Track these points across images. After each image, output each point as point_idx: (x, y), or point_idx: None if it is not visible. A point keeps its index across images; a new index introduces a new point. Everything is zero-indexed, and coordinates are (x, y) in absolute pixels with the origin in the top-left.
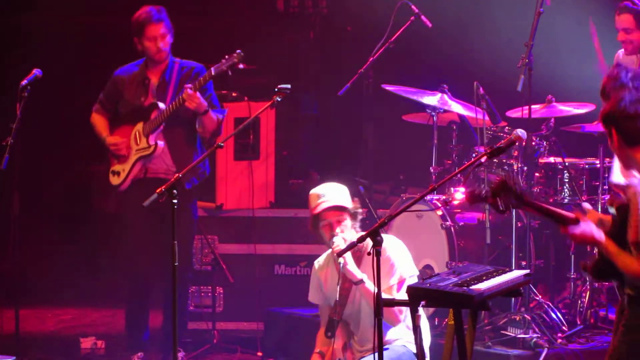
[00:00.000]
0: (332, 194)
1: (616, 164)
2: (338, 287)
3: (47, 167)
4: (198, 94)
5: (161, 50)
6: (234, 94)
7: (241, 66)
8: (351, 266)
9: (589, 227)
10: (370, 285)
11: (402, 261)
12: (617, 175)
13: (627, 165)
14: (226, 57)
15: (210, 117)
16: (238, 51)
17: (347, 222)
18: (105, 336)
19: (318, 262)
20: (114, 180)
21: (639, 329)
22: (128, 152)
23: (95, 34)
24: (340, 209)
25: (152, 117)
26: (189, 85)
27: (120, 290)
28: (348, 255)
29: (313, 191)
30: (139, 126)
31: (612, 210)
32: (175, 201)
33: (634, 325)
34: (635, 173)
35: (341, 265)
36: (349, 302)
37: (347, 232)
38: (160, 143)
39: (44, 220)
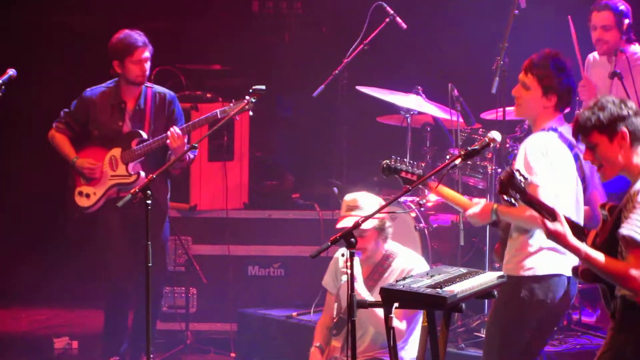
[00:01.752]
0: (356, 210)
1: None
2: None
3: (21, 167)
4: (185, 139)
5: (145, 73)
6: (208, 95)
7: (251, 114)
8: (359, 286)
9: (563, 229)
10: (379, 311)
11: None
12: None
13: (615, 170)
14: (233, 101)
15: (185, 161)
16: (247, 98)
17: (372, 234)
18: (78, 336)
19: (342, 253)
20: (83, 202)
21: (629, 331)
22: (101, 176)
23: (70, 34)
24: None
25: (132, 145)
26: (178, 127)
27: (94, 291)
28: (359, 272)
29: (345, 198)
30: (116, 152)
31: (604, 212)
32: (149, 202)
33: (625, 328)
34: None
35: (342, 282)
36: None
37: (369, 247)
38: (142, 173)
39: (18, 221)
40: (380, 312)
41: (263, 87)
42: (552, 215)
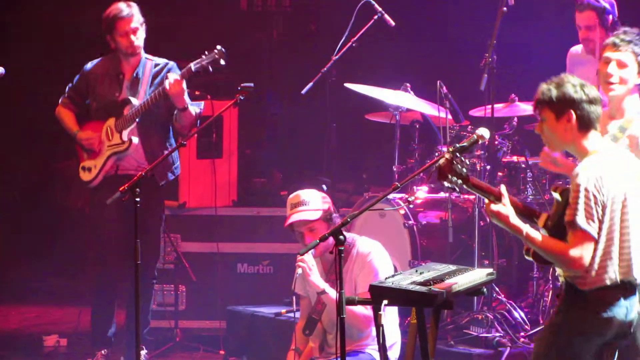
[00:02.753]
0: (301, 205)
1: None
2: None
3: (10, 164)
4: (184, 83)
5: (134, 44)
6: (196, 92)
7: (222, 63)
8: (313, 277)
9: (506, 210)
10: (332, 294)
11: (385, 271)
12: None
13: (558, 147)
14: (206, 52)
15: (190, 112)
16: (219, 47)
17: (320, 227)
18: (68, 334)
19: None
20: (85, 177)
21: (567, 313)
22: (100, 148)
23: (59, 31)
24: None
25: (124, 112)
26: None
27: (84, 289)
28: (313, 264)
29: (289, 197)
30: (111, 121)
31: (557, 195)
32: (138, 199)
33: (564, 309)
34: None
35: (297, 275)
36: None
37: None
38: (135, 139)
39: (7, 218)
40: (333, 296)
41: (251, 84)
42: (497, 197)
